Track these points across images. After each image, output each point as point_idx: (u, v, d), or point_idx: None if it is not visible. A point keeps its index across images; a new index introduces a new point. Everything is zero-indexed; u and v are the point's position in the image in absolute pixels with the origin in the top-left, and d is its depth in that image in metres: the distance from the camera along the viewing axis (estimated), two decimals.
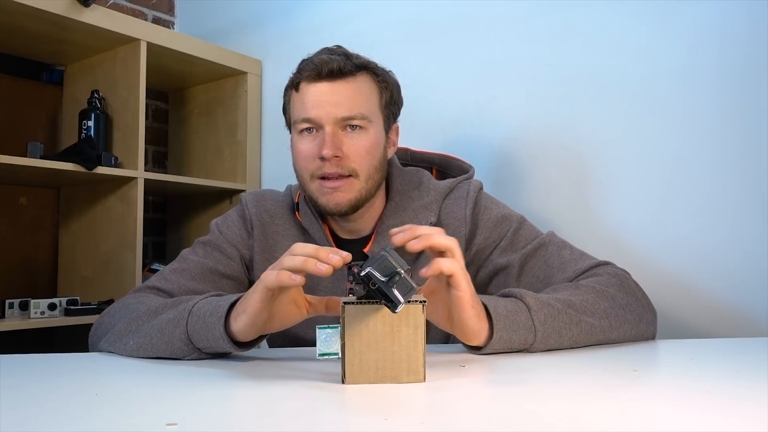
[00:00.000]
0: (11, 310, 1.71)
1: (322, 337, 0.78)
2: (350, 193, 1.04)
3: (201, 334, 0.82)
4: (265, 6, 2.17)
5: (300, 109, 1.05)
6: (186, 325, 0.84)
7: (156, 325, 0.87)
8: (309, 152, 1.04)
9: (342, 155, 1.02)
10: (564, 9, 1.52)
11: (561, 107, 1.51)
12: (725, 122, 1.30)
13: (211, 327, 0.81)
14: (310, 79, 1.04)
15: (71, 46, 1.92)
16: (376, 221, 1.11)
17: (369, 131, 1.05)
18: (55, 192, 2.07)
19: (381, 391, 0.65)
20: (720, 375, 0.74)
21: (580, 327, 0.89)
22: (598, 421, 0.53)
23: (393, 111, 1.12)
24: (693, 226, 1.33)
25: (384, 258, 0.66)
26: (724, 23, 1.31)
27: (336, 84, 1.03)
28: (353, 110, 1.03)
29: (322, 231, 1.09)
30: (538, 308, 0.86)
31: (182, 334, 0.84)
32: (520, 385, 0.70)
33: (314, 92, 1.03)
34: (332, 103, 1.02)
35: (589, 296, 0.94)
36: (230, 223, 1.15)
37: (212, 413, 0.58)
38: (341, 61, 1.03)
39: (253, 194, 1.19)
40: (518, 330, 0.84)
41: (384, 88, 1.08)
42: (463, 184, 1.14)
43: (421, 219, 1.09)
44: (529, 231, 1.10)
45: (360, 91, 1.05)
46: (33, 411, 0.59)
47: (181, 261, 1.10)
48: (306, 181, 1.06)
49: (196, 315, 0.84)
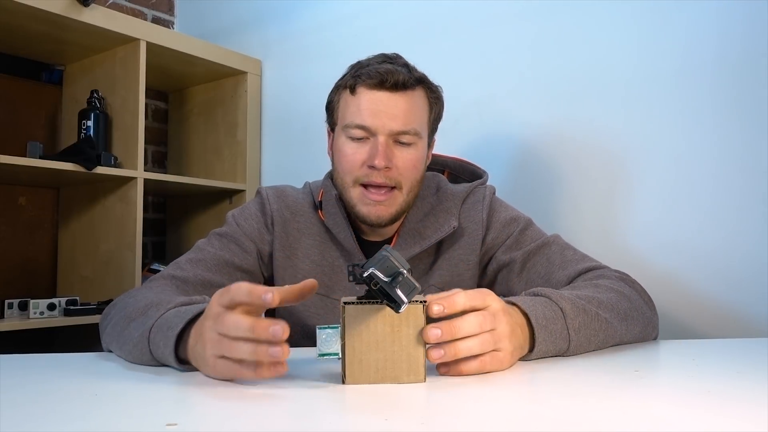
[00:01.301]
0: (11, 311, 1.71)
1: (322, 337, 0.77)
2: (392, 207, 1.05)
3: (159, 346, 0.76)
4: (265, 6, 2.17)
5: (355, 113, 1.04)
6: (148, 342, 0.78)
7: (132, 336, 0.82)
8: (358, 158, 1.04)
9: (392, 167, 1.03)
10: (564, 9, 1.52)
11: (561, 107, 1.51)
12: (726, 123, 1.30)
13: (167, 342, 0.75)
14: (371, 86, 1.03)
15: (71, 46, 1.92)
16: (399, 224, 1.12)
17: (418, 146, 1.06)
18: (54, 192, 2.07)
19: (381, 391, 0.65)
20: (721, 375, 0.74)
21: (607, 332, 0.88)
22: (599, 421, 0.53)
23: (436, 126, 1.14)
24: (693, 226, 1.33)
25: (386, 258, 0.65)
26: (724, 23, 1.31)
27: (396, 96, 1.03)
28: (408, 125, 1.03)
29: (348, 231, 1.10)
30: (574, 315, 0.83)
31: (146, 349, 0.78)
32: (521, 385, 0.69)
33: (373, 100, 1.03)
34: (390, 116, 1.02)
35: (611, 295, 0.93)
36: (248, 216, 1.13)
37: (212, 413, 0.58)
38: (405, 74, 1.03)
39: (274, 189, 1.18)
40: (555, 340, 0.81)
41: (435, 104, 1.10)
42: (479, 189, 1.16)
43: (443, 223, 1.10)
44: (534, 232, 1.13)
45: (416, 105, 1.05)
46: (33, 411, 0.59)
47: (196, 251, 1.09)
48: (347, 185, 1.06)
49: (158, 327, 0.78)
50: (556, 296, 0.84)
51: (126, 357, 0.84)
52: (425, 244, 1.09)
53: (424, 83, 1.08)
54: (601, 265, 1.06)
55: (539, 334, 0.78)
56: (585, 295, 0.88)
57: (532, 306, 0.80)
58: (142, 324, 0.81)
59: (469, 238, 1.12)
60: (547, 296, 0.84)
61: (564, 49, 1.52)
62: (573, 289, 0.93)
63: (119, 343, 0.86)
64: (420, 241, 1.10)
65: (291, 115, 2.10)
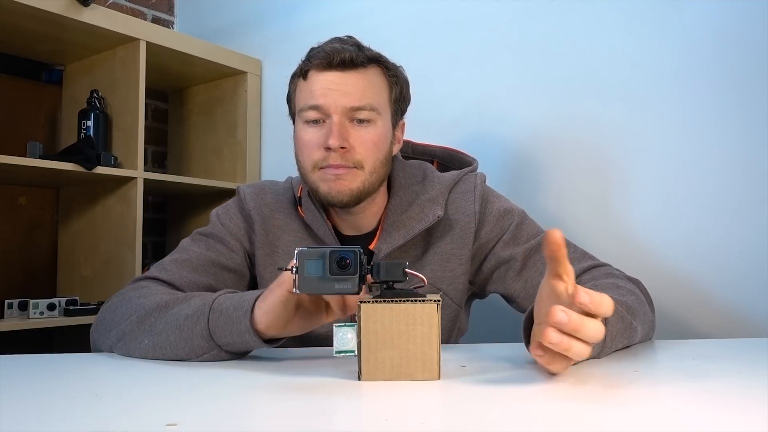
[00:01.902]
0: (10, 311, 1.71)
1: (339, 335, 0.78)
2: (353, 183, 1.01)
3: (224, 329, 0.80)
4: (265, 6, 2.17)
5: (307, 96, 1.02)
6: (207, 320, 0.82)
7: (171, 322, 0.85)
8: (313, 142, 1.02)
9: (348, 146, 1.00)
10: (564, 9, 1.52)
11: (561, 107, 1.51)
12: (725, 121, 1.30)
13: (235, 321, 0.79)
14: (320, 68, 1.01)
15: (70, 46, 1.92)
16: (380, 217, 1.10)
17: (377, 124, 1.03)
18: (54, 192, 2.07)
19: (381, 391, 0.65)
20: (721, 375, 0.74)
21: (631, 338, 0.86)
22: (598, 421, 0.53)
23: (401, 107, 1.10)
24: (692, 225, 1.33)
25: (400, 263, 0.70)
26: (722, 22, 1.31)
27: (346, 74, 1.01)
28: (362, 101, 1.01)
29: (326, 227, 1.08)
30: (614, 322, 0.79)
31: (203, 331, 0.82)
32: (521, 384, 0.69)
33: (323, 80, 1.01)
34: (342, 93, 1.00)
35: (633, 299, 0.92)
36: (232, 215, 1.13)
37: (212, 413, 0.58)
38: (353, 52, 1.01)
39: (252, 187, 1.16)
40: (595, 345, 0.76)
41: (394, 83, 1.07)
42: (468, 177, 1.13)
43: (428, 212, 1.07)
44: (531, 226, 1.10)
45: (370, 83, 1.03)
46: (33, 411, 0.59)
47: (181, 251, 1.07)
48: (308, 171, 1.03)
49: (218, 310, 0.82)
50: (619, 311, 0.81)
51: (163, 347, 0.85)
52: (408, 234, 1.06)
53: (379, 61, 1.05)
54: (603, 263, 1.06)
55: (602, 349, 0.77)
56: (622, 302, 0.85)
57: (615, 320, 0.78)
58: (192, 308, 0.85)
59: (460, 231, 1.08)
60: None
61: (564, 48, 1.52)
62: (607, 290, 0.88)
63: (152, 334, 0.86)
64: (404, 232, 1.06)
65: None
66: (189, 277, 1.03)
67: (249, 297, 0.81)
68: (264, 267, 1.10)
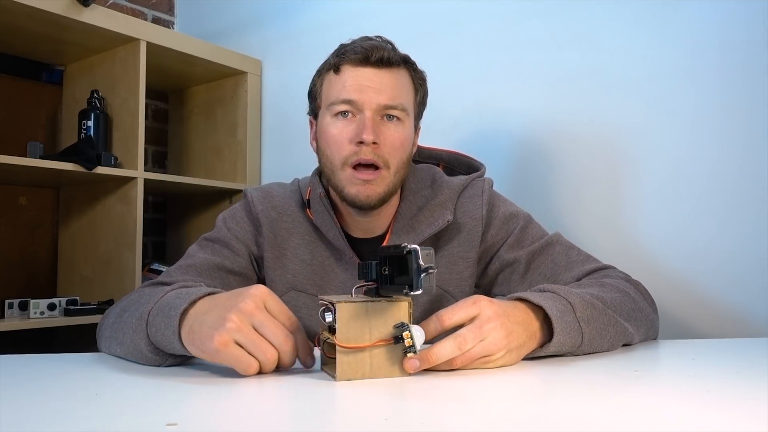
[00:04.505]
0: (11, 311, 1.71)
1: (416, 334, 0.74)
2: (380, 187, 1.01)
3: (159, 329, 0.75)
4: (265, 6, 2.17)
5: (340, 90, 1.02)
6: (146, 333, 0.77)
7: (127, 332, 0.81)
8: (345, 136, 1.01)
9: (379, 143, 1.00)
10: (566, 8, 1.52)
11: (562, 106, 1.51)
12: (730, 121, 1.30)
13: (168, 323, 0.74)
14: (355, 63, 1.02)
15: (71, 46, 1.92)
16: (390, 220, 1.10)
17: (405, 124, 1.04)
18: (54, 192, 2.07)
19: (381, 391, 0.65)
20: (721, 375, 0.74)
21: (616, 329, 0.87)
22: (598, 421, 0.53)
23: (421, 111, 1.12)
24: (695, 225, 1.33)
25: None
26: (727, 21, 1.31)
27: (381, 72, 1.02)
28: (395, 100, 1.02)
29: (336, 229, 1.07)
30: (583, 308, 0.82)
31: (147, 345, 0.77)
32: (520, 384, 0.70)
33: (358, 76, 1.01)
34: (376, 90, 1.01)
35: (616, 295, 0.92)
36: (238, 219, 1.13)
37: (212, 413, 0.58)
38: (390, 51, 1.03)
39: (259, 190, 1.16)
40: (571, 332, 0.79)
41: (420, 86, 1.09)
42: (476, 182, 1.14)
43: (438, 217, 1.08)
44: (536, 229, 1.11)
45: (402, 83, 1.04)
46: (33, 411, 0.59)
47: (187, 258, 1.08)
48: (336, 167, 1.02)
49: (157, 309, 0.77)
50: (564, 291, 0.83)
51: (123, 351, 0.83)
52: (418, 238, 1.07)
53: (408, 63, 1.07)
54: (606, 265, 1.06)
55: (557, 325, 0.78)
56: (590, 293, 0.88)
57: (543, 299, 0.80)
58: (137, 310, 0.81)
59: (468, 234, 1.09)
60: (554, 291, 0.83)
61: (565, 48, 1.52)
62: (578, 287, 0.93)
63: (117, 339, 0.85)
64: (414, 236, 1.07)
65: (291, 115, 2.10)
66: (194, 281, 1.03)
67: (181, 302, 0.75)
68: (273, 270, 1.10)
